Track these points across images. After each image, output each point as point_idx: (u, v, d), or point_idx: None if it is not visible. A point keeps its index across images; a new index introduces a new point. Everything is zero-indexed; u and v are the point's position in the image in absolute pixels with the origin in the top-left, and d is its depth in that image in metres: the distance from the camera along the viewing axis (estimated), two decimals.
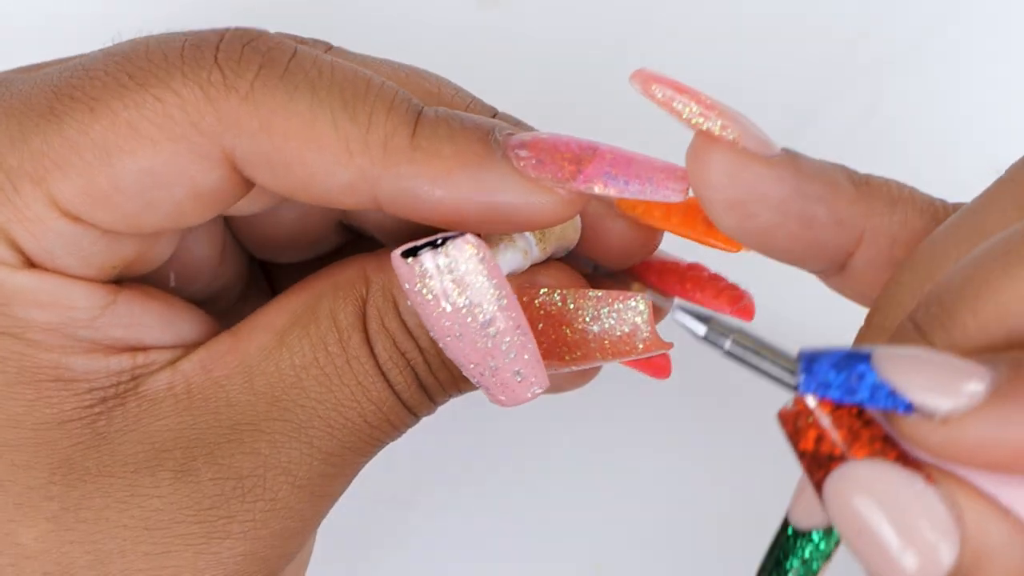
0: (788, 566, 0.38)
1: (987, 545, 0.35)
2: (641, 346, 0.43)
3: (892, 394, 0.35)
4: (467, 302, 0.41)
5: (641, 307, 0.43)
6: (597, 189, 0.42)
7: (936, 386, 0.34)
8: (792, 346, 0.57)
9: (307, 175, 0.41)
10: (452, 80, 0.49)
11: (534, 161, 0.42)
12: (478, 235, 0.41)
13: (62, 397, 0.42)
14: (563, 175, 0.42)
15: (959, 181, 0.63)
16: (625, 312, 0.43)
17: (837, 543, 0.38)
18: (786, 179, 0.40)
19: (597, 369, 0.47)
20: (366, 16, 0.59)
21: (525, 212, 0.42)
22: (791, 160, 0.40)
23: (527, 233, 0.44)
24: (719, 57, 0.63)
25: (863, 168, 0.62)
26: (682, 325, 0.37)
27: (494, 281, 0.41)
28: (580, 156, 0.42)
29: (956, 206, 0.42)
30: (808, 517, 0.38)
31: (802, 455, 0.36)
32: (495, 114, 0.46)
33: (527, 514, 0.63)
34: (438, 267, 0.41)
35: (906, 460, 0.35)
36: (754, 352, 0.36)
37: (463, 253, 0.41)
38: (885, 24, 0.63)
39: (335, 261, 0.45)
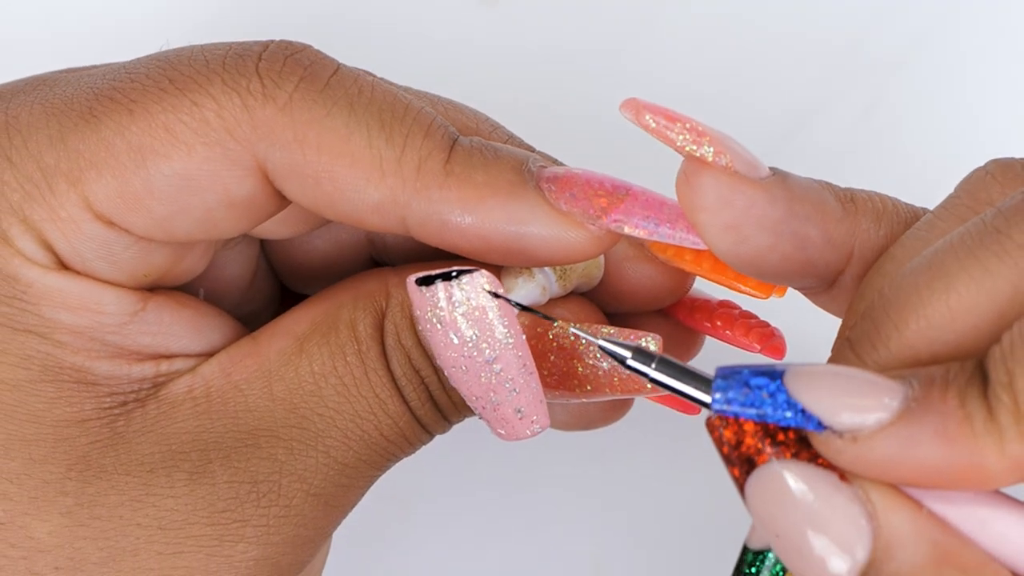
0: None
1: (896, 536, 0.36)
2: (650, 385, 0.43)
3: (803, 412, 0.35)
4: (474, 337, 0.41)
5: (652, 348, 0.43)
6: (627, 229, 0.42)
7: (845, 405, 0.35)
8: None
9: (336, 191, 0.41)
10: (452, 79, 0.49)
11: (567, 195, 0.42)
12: (498, 268, 0.41)
13: (83, 398, 0.43)
14: (594, 211, 0.42)
15: (958, 182, 0.63)
16: None
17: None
18: (778, 201, 0.40)
19: (629, 403, 0.47)
20: (367, 15, 0.59)
21: (552, 245, 0.42)
22: (782, 181, 0.40)
23: (548, 268, 0.44)
24: (719, 56, 0.63)
25: (863, 168, 0.62)
26: (607, 351, 0.38)
27: (504, 319, 0.41)
28: (613, 194, 0.42)
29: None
30: (762, 538, 0.38)
31: (725, 460, 0.36)
32: (532, 151, 0.46)
33: (526, 514, 0.63)
34: (450, 298, 0.41)
35: (821, 458, 0.36)
36: (676, 375, 0.37)
37: (476, 288, 0.41)
38: (884, 25, 0.63)
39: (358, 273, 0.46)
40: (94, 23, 0.61)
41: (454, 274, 0.41)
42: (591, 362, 0.43)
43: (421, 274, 0.41)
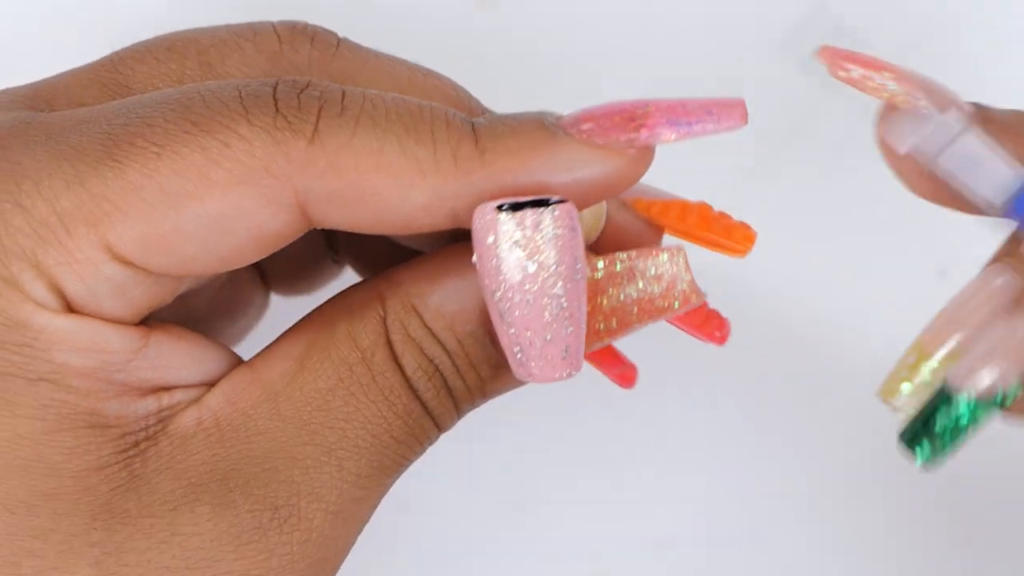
0: (939, 428, 0.38)
1: None
2: (679, 301, 0.42)
3: None
4: (553, 268, 0.40)
5: (679, 258, 0.43)
6: (665, 137, 0.42)
7: None
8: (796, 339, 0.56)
9: (381, 204, 0.41)
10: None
11: (597, 129, 0.42)
12: None
13: (99, 443, 0.42)
14: (628, 133, 0.42)
15: None
16: (660, 267, 0.43)
17: (992, 409, 0.38)
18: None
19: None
20: (365, 15, 0.59)
21: (605, 179, 0.42)
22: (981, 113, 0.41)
23: None
24: (719, 56, 0.63)
25: (861, 170, 0.62)
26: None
27: (582, 255, 0.41)
28: (635, 114, 0.42)
29: None
30: (966, 377, 0.37)
31: None
32: None
33: (528, 515, 0.63)
34: (538, 226, 0.40)
35: None
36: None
37: (566, 219, 0.40)
38: (885, 24, 0.63)
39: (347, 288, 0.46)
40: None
41: (551, 201, 0.40)
42: (615, 292, 0.43)
43: (503, 200, 0.41)
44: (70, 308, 0.42)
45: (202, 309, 0.50)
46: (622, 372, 0.47)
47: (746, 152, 0.62)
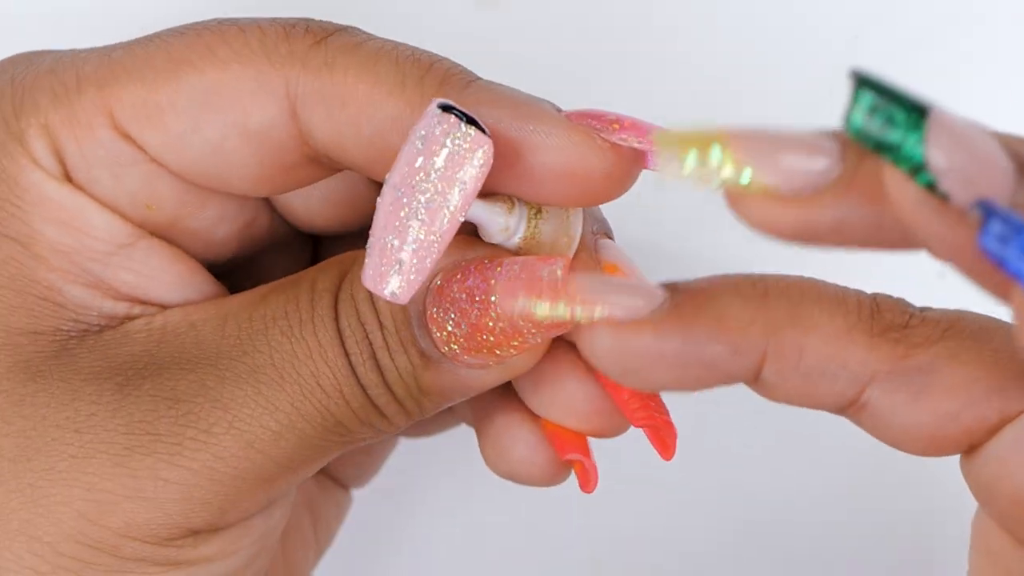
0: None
1: None
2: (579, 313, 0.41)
3: None
4: (435, 176, 0.40)
5: (557, 270, 0.41)
6: (635, 144, 0.41)
7: None
8: None
9: (358, 109, 0.42)
10: None
11: (576, 116, 0.41)
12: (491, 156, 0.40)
13: (44, 314, 0.43)
14: (605, 125, 0.41)
15: None
16: (543, 268, 0.41)
17: None
18: (670, 335, 0.38)
19: (543, 347, 0.44)
20: (363, 15, 0.59)
21: (579, 157, 0.41)
22: (673, 310, 0.38)
23: (522, 222, 0.43)
24: (718, 57, 0.63)
25: None
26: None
27: (467, 189, 0.40)
28: (606, 120, 0.42)
29: (884, 298, 0.40)
30: None
31: None
32: None
33: (525, 512, 0.63)
34: (446, 132, 0.40)
35: None
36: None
37: (474, 143, 0.40)
38: (884, 24, 0.63)
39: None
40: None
41: (469, 119, 0.40)
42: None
43: (449, 101, 0.40)
44: (68, 179, 0.43)
45: None
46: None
47: None
